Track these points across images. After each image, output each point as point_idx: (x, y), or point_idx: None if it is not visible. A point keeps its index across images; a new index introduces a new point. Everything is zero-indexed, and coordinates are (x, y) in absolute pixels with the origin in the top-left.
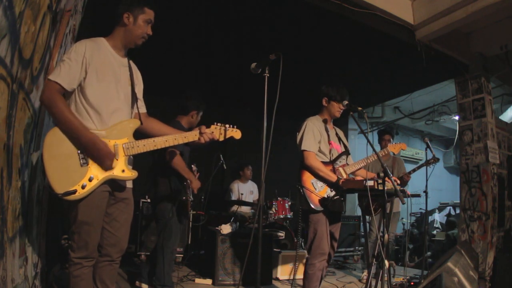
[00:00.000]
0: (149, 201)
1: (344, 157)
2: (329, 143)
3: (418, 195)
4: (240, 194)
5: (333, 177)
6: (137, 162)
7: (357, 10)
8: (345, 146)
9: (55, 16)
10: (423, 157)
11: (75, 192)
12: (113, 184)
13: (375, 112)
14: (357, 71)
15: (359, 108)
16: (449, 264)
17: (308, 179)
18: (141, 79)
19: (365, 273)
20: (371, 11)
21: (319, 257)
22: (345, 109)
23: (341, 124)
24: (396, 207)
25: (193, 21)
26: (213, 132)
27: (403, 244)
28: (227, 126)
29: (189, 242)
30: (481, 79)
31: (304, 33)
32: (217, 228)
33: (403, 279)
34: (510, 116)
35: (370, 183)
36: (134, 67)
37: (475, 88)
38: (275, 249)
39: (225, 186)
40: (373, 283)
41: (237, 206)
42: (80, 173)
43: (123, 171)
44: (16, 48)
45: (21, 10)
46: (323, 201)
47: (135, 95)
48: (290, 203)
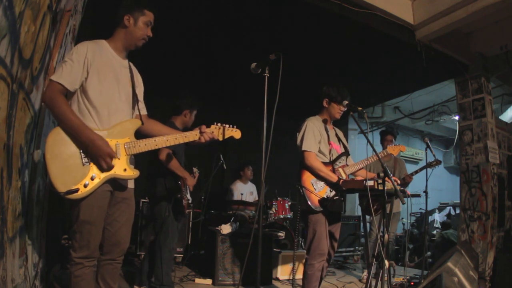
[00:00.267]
0: (148, 201)
1: (343, 157)
2: (329, 144)
3: (418, 195)
4: (240, 194)
5: (333, 177)
6: (137, 162)
7: (357, 10)
8: (345, 146)
9: (55, 16)
10: (423, 157)
11: (77, 190)
12: (115, 183)
13: (375, 112)
14: (357, 71)
15: (359, 108)
16: (449, 264)
17: (308, 179)
18: (142, 82)
19: (365, 273)
20: (371, 11)
21: (318, 258)
22: (345, 110)
23: (341, 124)
24: (396, 207)
25: (193, 21)
26: (213, 131)
27: (403, 244)
28: (227, 126)
29: (189, 242)
30: (481, 79)
31: (304, 33)
32: (217, 228)
33: (403, 279)
34: (510, 116)
35: (370, 183)
36: (134, 69)
37: (475, 88)
38: (275, 249)
39: (225, 186)
40: (373, 283)
41: (242, 206)
42: (82, 172)
43: (125, 170)
44: (16, 48)
45: (21, 10)
46: (323, 202)
47: (136, 96)
48: (290, 203)
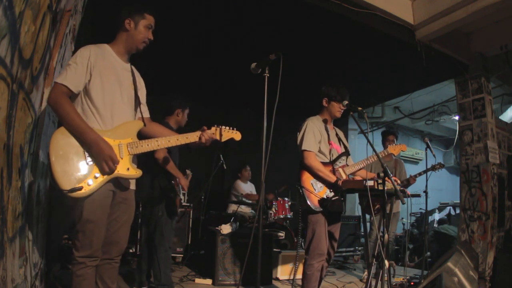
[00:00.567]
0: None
1: (344, 157)
2: (329, 143)
3: (418, 195)
4: (240, 194)
5: (332, 178)
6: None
7: (357, 10)
8: (345, 146)
9: (55, 16)
10: (423, 157)
11: (81, 188)
12: (117, 183)
13: (375, 112)
14: (357, 71)
15: (359, 108)
16: (449, 264)
17: (307, 180)
18: (144, 85)
19: (366, 273)
20: (371, 11)
21: (317, 258)
22: (345, 109)
23: (341, 124)
24: (396, 207)
25: (193, 21)
26: (213, 133)
27: (403, 244)
28: (228, 128)
29: (189, 242)
30: (481, 79)
31: (304, 33)
32: (217, 228)
33: (403, 279)
34: (510, 116)
35: (370, 183)
36: (136, 73)
37: (475, 88)
38: (275, 249)
39: (225, 186)
40: (373, 283)
41: (237, 206)
42: (86, 171)
43: (128, 169)
44: (16, 48)
45: (21, 10)
46: (322, 202)
47: (138, 98)
48: (290, 203)
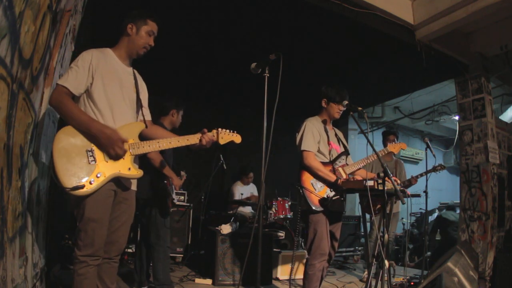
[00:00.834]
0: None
1: (343, 157)
2: (329, 144)
3: (418, 195)
4: (240, 194)
5: (332, 177)
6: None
7: (357, 10)
8: (345, 146)
9: (55, 16)
10: (423, 157)
11: (83, 187)
12: (119, 183)
13: (375, 112)
14: (357, 71)
15: (359, 108)
16: (449, 264)
17: (307, 180)
18: (146, 88)
19: (366, 273)
20: (371, 11)
21: (319, 258)
22: (345, 109)
23: (341, 124)
24: (396, 207)
25: (193, 21)
26: (214, 135)
27: (403, 244)
28: (228, 130)
29: (189, 242)
30: (481, 79)
31: (304, 33)
32: (217, 228)
33: (403, 279)
34: (510, 116)
35: (370, 183)
36: (139, 76)
37: (475, 88)
38: (275, 249)
39: (225, 186)
40: (373, 283)
41: (236, 206)
42: (88, 170)
43: (129, 169)
44: (16, 48)
45: (21, 10)
46: (323, 201)
47: (140, 101)
48: (290, 203)
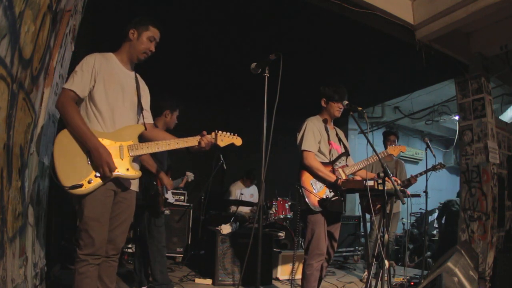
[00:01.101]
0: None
1: (344, 158)
2: (329, 143)
3: (418, 195)
4: (240, 194)
5: (332, 177)
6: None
7: (357, 10)
8: (345, 147)
9: (55, 16)
10: (423, 157)
11: (81, 186)
12: (119, 183)
13: (375, 112)
14: (357, 71)
15: (359, 108)
16: (449, 264)
17: (307, 180)
18: (148, 92)
19: (366, 273)
20: (371, 11)
21: (316, 258)
22: (345, 108)
23: (341, 124)
24: (396, 207)
25: (193, 21)
26: (214, 138)
27: (403, 244)
28: (228, 133)
29: (189, 242)
30: (481, 79)
31: (304, 33)
32: (217, 228)
33: (403, 279)
34: (510, 116)
35: (370, 183)
36: (141, 80)
37: (475, 88)
38: (275, 249)
39: (225, 186)
40: (373, 283)
41: (236, 206)
42: (87, 169)
43: (128, 169)
44: (16, 48)
45: (21, 10)
46: (322, 202)
47: (141, 104)
48: (290, 203)
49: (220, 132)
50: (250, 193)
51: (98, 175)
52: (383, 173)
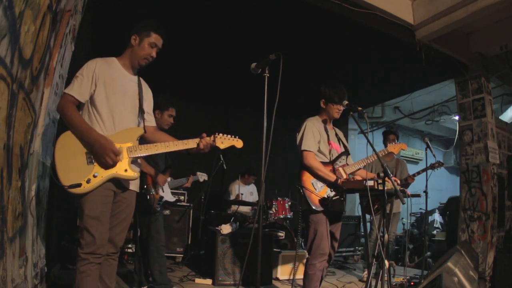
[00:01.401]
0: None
1: (344, 157)
2: (329, 143)
3: (418, 195)
4: (240, 194)
5: (332, 177)
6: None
7: (357, 10)
8: (345, 146)
9: (55, 16)
10: (423, 157)
11: (80, 185)
12: (118, 184)
13: (375, 112)
14: (357, 71)
15: (359, 108)
16: (449, 264)
17: (308, 179)
18: (151, 96)
19: (366, 273)
20: (371, 11)
21: (319, 257)
22: (345, 108)
23: (341, 124)
24: (396, 208)
25: (193, 21)
26: (214, 140)
27: (403, 244)
28: (228, 135)
29: (189, 242)
30: (481, 79)
31: (304, 33)
32: (217, 228)
33: (403, 279)
34: (510, 116)
35: (370, 183)
36: (144, 85)
37: (475, 88)
38: (275, 249)
39: (225, 186)
40: (373, 283)
41: (236, 206)
42: (86, 170)
43: (126, 170)
44: (16, 48)
45: (21, 10)
46: (323, 201)
47: (142, 107)
48: (290, 203)
49: (220, 134)
50: (249, 191)
51: (96, 174)
52: (383, 173)
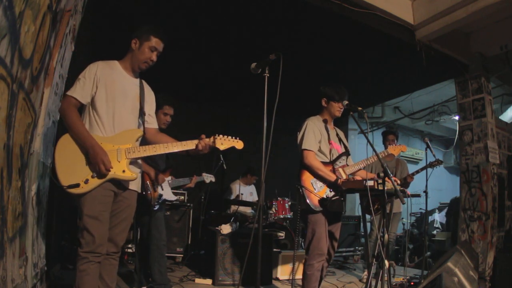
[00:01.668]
0: None
1: (344, 157)
2: (330, 143)
3: (418, 195)
4: (240, 194)
5: (332, 177)
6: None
7: (357, 10)
8: (346, 146)
9: (55, 16)
10: (423, 157)
11: (78, 185)
12: (118, 184)
13: (375, 112)
14: (357, 71)
15: (359, 108)
16: (449, 264)
17: (307, 179)
18: (153, 99)
19: (366, 273)
20: (371, 11)
21: (317, 258)
22: (345, 108)
23: (341, 124)
24: (397, 208)
25: (193, 21)
26: (213, 141)
27: (403, 244)
28: (227, 137)
29: (189, 242)
30: (481, 79)
31: (304, 33)
32: (217, 228)
33: (403, 279)
34: (510, 116)
35: (370, 183)
36: (146, 87)
37: (475, 88)
38: (275, 249)
39: (225, 186)
40: (373, 283)
41: (236, 206)
42: (85, 170)
43: (124, 171)
44: (16, 48)
45: (21, 10)
46: (322, 202)
47: (143, 109)
48: (290, 203)
49: (220, 135)
50: (249, 191)
51: (94, 175)
52: (383, 173)
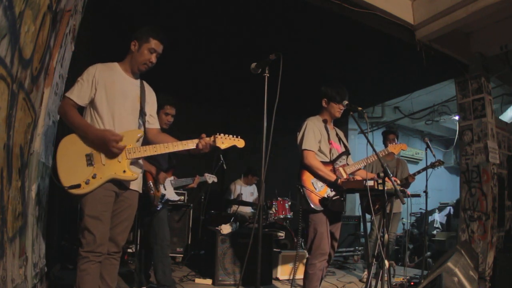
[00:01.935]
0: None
1: (344, 157)
2: (329, 143)
3: (418, 195)
4: (240, 194)
5: (332, 177)
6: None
7: (357, 10)
8: (345, 146)
9: (55, 16)
10: (423, 157)
11: (79, 186)
12: (119, 184)
13: (375, 112)
14: (357, 71)
15: (359, 108)
16: (449, 264)
17: (308, 179)
18: (155, 99)
19: (366, 273)
20: (371, 11)
21: (319, 257)
22: (345, 108)
23: (341, 124)
24: (397, 208)
25: (193, 21)
26: (214, 140)
27: (403, 244)
28: (228, 135)
29: (189, 242)
30: (481, 79)
31: (304, 33)
32: (217, 228)
33: (403, 279)
34: (510, 116)
35: (370, 183)
36: (147, 88)
37: (475, 88)
38: (275, 249)
39: (225, 186)
40: (373, 283)
41: (236, 206)
42: (85, 171)
43: (124, 171)
44: (16, 48)
45: (21, 10)
46: (323, 201)
47: (143, 110)
48: (290, 203)
49: (221, 135)
50: (250, 192)
51: (95, 176)
52: (383, 173)
